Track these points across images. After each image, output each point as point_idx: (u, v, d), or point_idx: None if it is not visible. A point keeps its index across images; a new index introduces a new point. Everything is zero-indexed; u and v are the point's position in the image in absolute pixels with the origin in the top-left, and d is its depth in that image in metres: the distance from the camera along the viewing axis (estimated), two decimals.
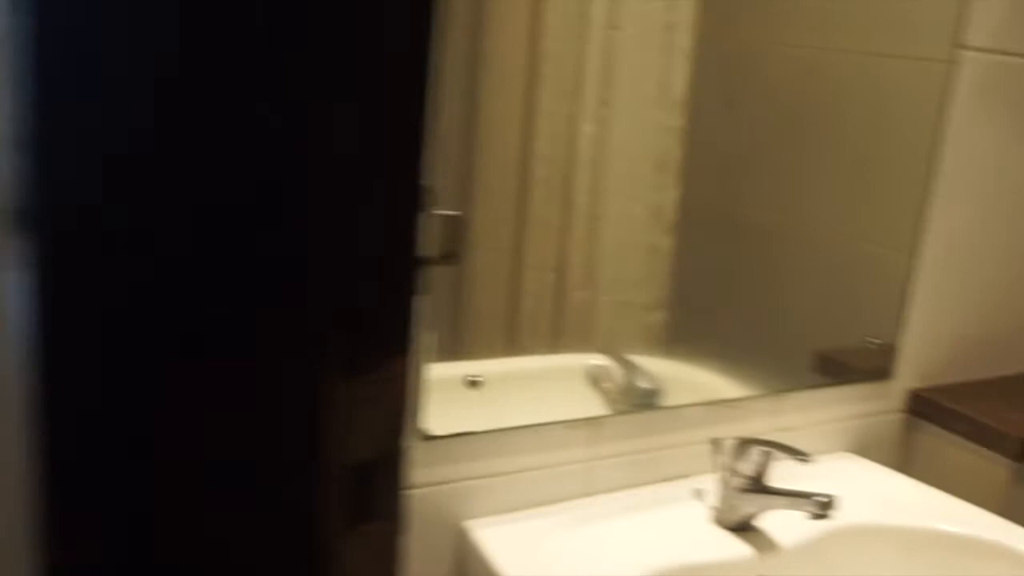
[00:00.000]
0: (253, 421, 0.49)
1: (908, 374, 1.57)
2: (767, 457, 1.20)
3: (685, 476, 1.34)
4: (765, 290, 1.39)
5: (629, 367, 1.30)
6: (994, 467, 1.48)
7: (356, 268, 0.48)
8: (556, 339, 1.23)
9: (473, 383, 1.15)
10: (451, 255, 0.53)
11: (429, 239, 0.51)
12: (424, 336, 1.09)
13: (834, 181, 1.41)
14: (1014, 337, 1.71)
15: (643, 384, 1.30)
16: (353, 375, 0.52)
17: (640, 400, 1.30)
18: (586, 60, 1.13)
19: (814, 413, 1.47)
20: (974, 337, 1.64)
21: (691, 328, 1.34)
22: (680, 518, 1.26)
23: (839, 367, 1.51)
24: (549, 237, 1.18)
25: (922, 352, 1.58)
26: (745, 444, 1.21)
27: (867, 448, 1.54)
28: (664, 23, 1.19)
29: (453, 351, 1.15)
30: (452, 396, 1.15)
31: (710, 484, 1.27)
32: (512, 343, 1.20)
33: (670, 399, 1.32)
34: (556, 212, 1.17)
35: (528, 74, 1.10)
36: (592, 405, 1.26)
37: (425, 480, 1.15)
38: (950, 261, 1.55)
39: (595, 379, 1.27)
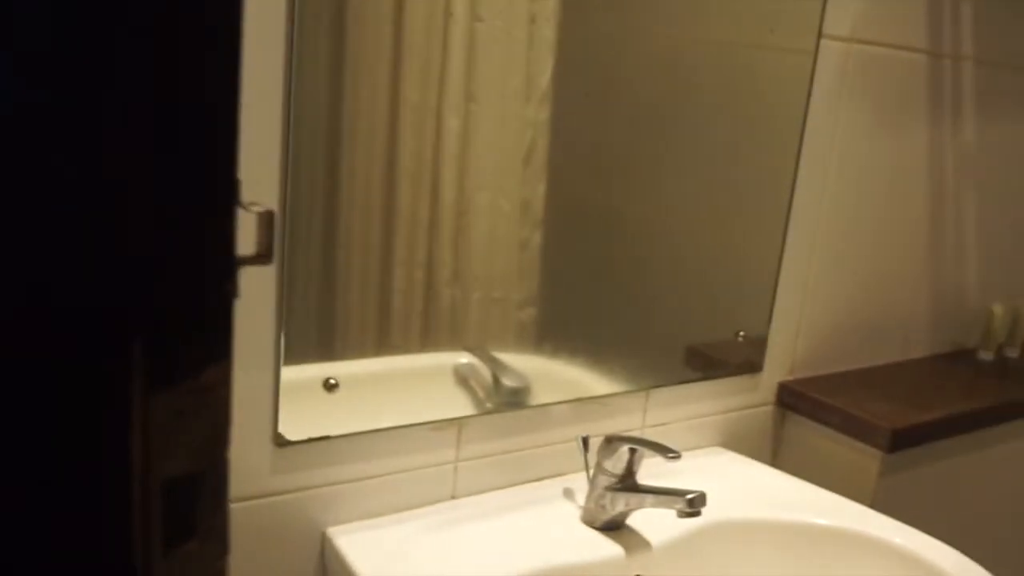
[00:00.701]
0: (46, 437, 0.44)
1: (778, 367, 1.58)
2: (635, 455, 1.18)
3: (554, 476, 1.32)
4: (636, 285, 1.38)
5: (496, 365, 1.26)
6: (865, 458, 1.49)
7: (159, 270, 0.44)
8: (426, 337, 1.20)
9: (330, 386, 1.10)
10: (263, 254, 0.49)
11: (245, 237, 0.46)
12: (278, 338, 1.05)
13: (704, 173, 1.40)
14: (882, 327, 1.73)
15: (510, 382, 1.27)
16: (164, 385, 0.47)
17: (508, 399, 1.27)
18: (450, 53, 1.11)
19: (685, 408, 1.46)
20: (843, 328, 1.66)
21: (562, 324, 1.32)
22: (549, 518, 1.23)
23: (710, 361, 1.50)
24: (418, 233, 1.15)
25: (791, 344, 1.58)
26: (613, 442, 1.19)
27: (739, 442, 1.54)
28: (528, 15, 1.17)
29: (323, 352, 1.11)
30: (313, 399, 1.10)
31: (580, 483, 1.25)
32: (382, 342, 1.16)
33: (539, 397, 1.29)
34: (424, 208, 1.14)
35: (393, 68, 1.07)
36: (460, 405, 1.23)
37: (283, 487, 1.10)
38: (816, 253, 1.55)
39: (463, 378, 1.24)
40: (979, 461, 1.69)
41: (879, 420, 1.47)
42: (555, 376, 1.32)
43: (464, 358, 1.23)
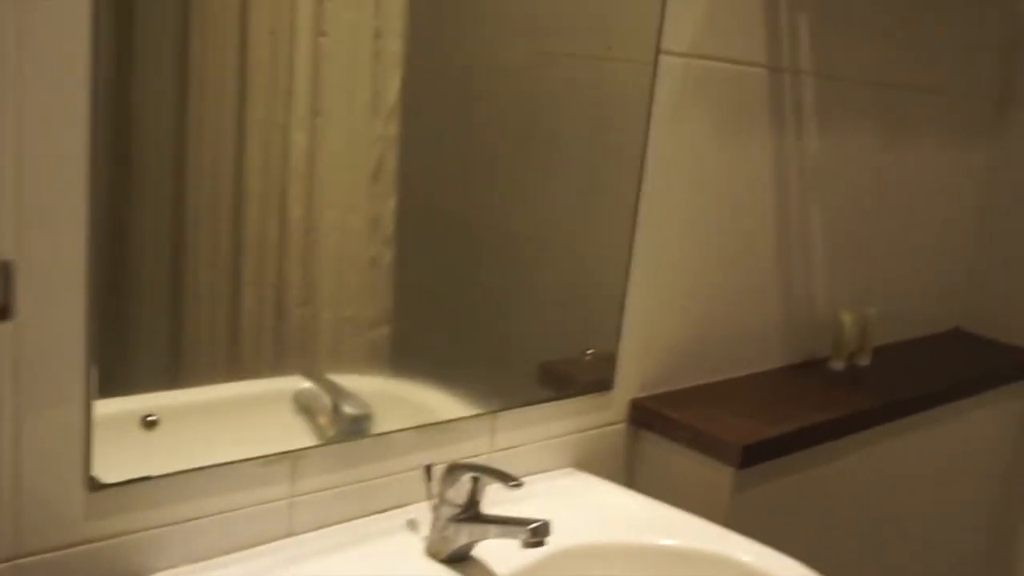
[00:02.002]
0: None
1: (629, 384, 1.55)
2: (478, 483, 1.14)
3: (399, 507, 1.28)
4: (489, 301, 1.36)
5: (337, 392, 1.21)
6: (717, 475, 1.47)
7: None
8: (273, 360, 1.15)
9: (149, 423, 1.03)
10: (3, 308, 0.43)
11: None
12: (87, 371, 0.98)
13: (555, 188, 1.38)
14: (734, 339, 1.73)
15: (351, 410, 1.22)
16: None
17: (348, 427, 1.22)
18: (295, 69, 1.09)
19: (535, 430, 1.43)
20: (694, 342, 1.65)
21: (415, 343, 1.29)
22: (392, 552, 1.19)
23: (563, 380, 1.47)
24: (267, 252, 1.12)
25: (642, 360, 1.56)
26: (455, 470, 1.15)
27: (592, 463, 1.51)
28: (373, 29, 1.16)
29: (156, 382, 1.06)
30: (134, 436, 1.03)
31: (424, 514, 1.20)
32: (229, 367, 1.12)
33: (387, 422, 1.25)
34: (273, 225, 1.11)
35: (238, 84, 1.05)
36: (298, 435, 1.17)
37: (99, 534, 1.03)
38: (663, 267, 1.54)
39: (304, 406, 1.18)
40: (833, 472, 1.69)
41: (729, 436, 1.46)
42: (405, 399, 1.29)
43: (304, 384, 1.18)
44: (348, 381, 1.22)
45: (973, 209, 2.26)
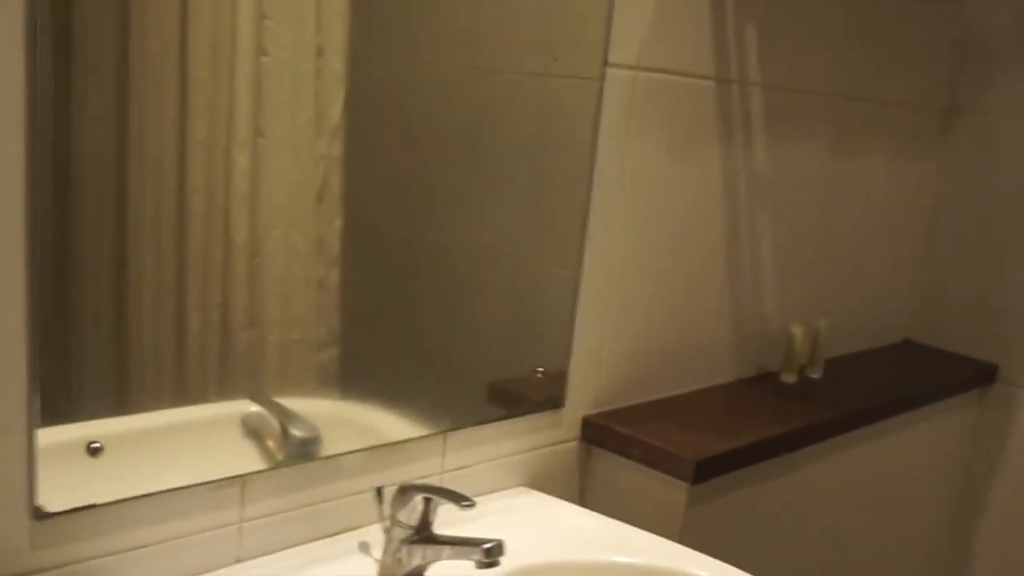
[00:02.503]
0: None
1: (581, 401, 1.55)
2: (430, 504, 1.13)
3: (350, 530, 1.26)
4: (438, 320, 1.35)
5: (285, 415, 1.20)
6: (671, 491, 1.47)
7: None
8: (221, 384, 1.14)
9: (94, 450, 1.02)
10: None
11: None
12: (30, 399, 0.96)
13: (501, 205, 1.38)
14: (686, 354, 1.73)
15: (300, 433, 1.21)
16: None
17: (297, 450, 1.21)
18: (237, 88, 1.08)
19: (487, 449, 1.42)
20: (646, 357, 1.64)
21: (364, 364, 1.28)
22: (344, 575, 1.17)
23: (514, 398, 1.47)
24: (212, 274, 1.10)
25: (594, 377, 1.56)
26: (407, 491, 1.14)
27: (546, 482, 1.51)
28: (315, 47, 1.14)
29: (101, 408, 1.04)
30: (81, 463, 1.02)
31: (376, 536, 1.19)
32: (176, 391, 1.10)
33: (333, 446, 1.23)
34: (217, 247, 1.10)
35: (179, 104, 1.04)
36: (247, 459, 1.16)
37: (45, 564, 1.01)
38: (610, 283, 1.53)
39: (252, 430, 1.17)
40: (787, 484, 1.69)
41: (682, 451, 1.46)
42: (354, 421, 1.28)
43: (253, 407, 1.17)
44: (296, 404, 1.21)
45: (922, 219, 2.27)
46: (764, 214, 1.80)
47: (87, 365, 1.03)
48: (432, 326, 1.34)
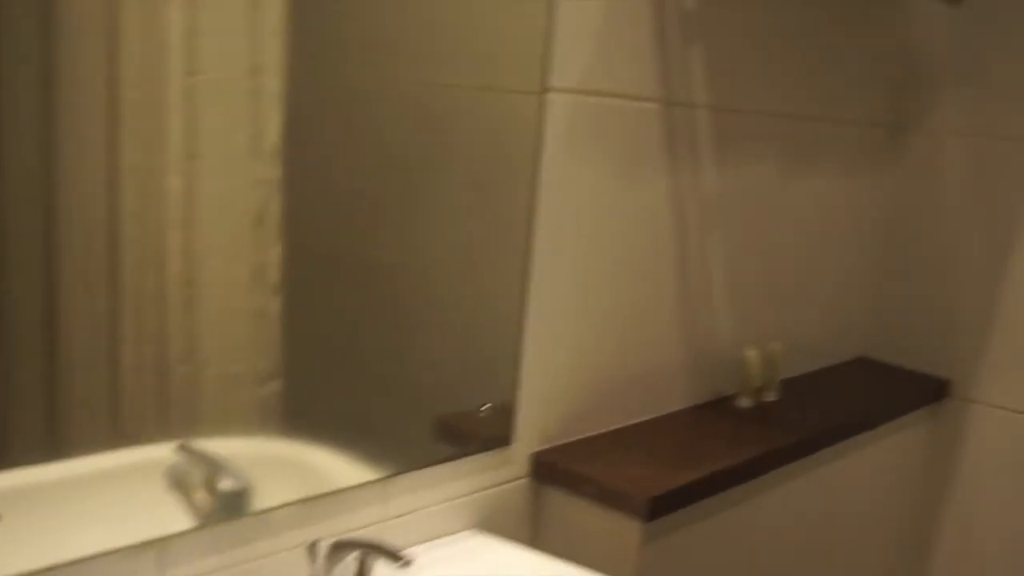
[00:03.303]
0: None
1: (530, 436, 1.49)
2: (366, 560, 1.06)
3: None
4: (383, 352, 1.30)
5: (212, 464, 1.12)
6: (623, 529, 1.41)
7: None
8: (157, 424, 1.09)
9: None
10: None
11: None
12: None
13: (450, 229, 1.33)
14: (639, 382, 1.68)
15: (227, 485, 1.13)
16: None
17: (225, 504, 1.13)
18: (168, 109, 1.04)
19: (432, 492, 1.36)
20: (597, 387, 1.59)
21: (307, 398, 1.23)
22: None
23: (461, 435, 1.41)
24: (145, 305, 1.06)
25: (543, 411, 1.51)
26: (340, 548, 1.07)
27: (495, 523, 1.45)
28: (249, 66, 1.10)
29: (27, 455, 0.98)
30: None
31: None
32: (112, 431, 1.05)
33: (271, 494, 1.16)
34: (151, 277, 1.06)
35: (109, 125, 1.00)
36: (169, 517, 1.09)
37: None
38: (557, 312, 1.48)
39: (177, 481, 1.09)
40: (744, 513, 1.65)
41: (634, 489, 1.40)
42: (294, 462, 1.23)
43: (180, 455, 1.09)
44: (234, 444, 1.15)
45: (873, 237, 2.26)
46: (714, 236, 1.76)
47: (10, 405, 0.97)
48: (377, 356, 1.30)
